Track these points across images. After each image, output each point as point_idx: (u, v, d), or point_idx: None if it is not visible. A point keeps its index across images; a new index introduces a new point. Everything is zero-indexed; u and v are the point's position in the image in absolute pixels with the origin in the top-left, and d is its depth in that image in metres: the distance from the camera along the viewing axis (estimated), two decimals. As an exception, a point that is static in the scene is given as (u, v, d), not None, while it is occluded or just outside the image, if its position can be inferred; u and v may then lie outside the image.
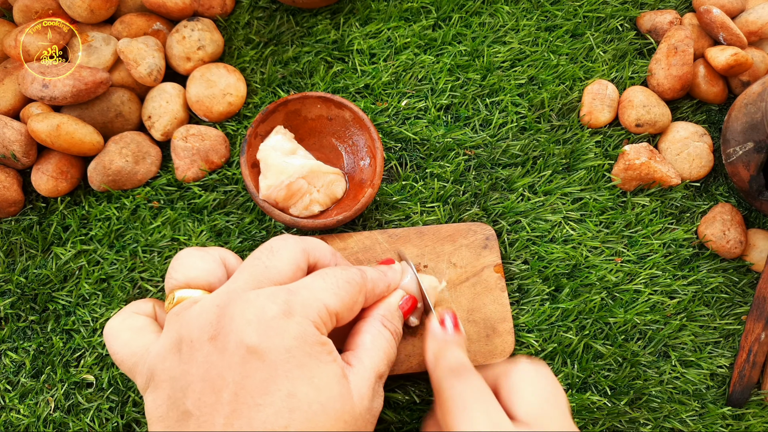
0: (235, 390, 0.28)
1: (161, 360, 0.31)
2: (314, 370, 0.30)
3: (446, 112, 0.57)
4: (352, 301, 0.34)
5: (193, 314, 0.31)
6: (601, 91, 0.56)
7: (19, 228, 0.51)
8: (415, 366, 0.45)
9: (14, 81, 0.52)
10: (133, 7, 0.57)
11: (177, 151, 0.52)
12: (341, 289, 0.33)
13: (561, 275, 0.51)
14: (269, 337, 0.29)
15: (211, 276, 0.34)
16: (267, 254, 0.33)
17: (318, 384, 0.29)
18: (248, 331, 0.29)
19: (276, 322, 0.30)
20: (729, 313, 0.52)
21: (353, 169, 0.52)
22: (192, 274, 0.33)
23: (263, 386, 0.28)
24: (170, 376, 0.30)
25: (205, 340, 0.30)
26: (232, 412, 0.28)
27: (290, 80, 0.57)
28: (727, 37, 0.57)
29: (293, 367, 0.29)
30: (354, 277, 0.34)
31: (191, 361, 0.29)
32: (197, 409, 0.28)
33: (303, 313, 0.31)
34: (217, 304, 0.31)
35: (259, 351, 0.29)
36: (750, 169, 0.52)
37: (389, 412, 0.46)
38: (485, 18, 0.60)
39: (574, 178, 0.55)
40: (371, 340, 0.35)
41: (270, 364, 0.29)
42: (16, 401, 0.47)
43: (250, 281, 0.32)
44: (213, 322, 0.30)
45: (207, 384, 0.29)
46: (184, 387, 0.29)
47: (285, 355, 0.29)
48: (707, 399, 0.49)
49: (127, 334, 0.33)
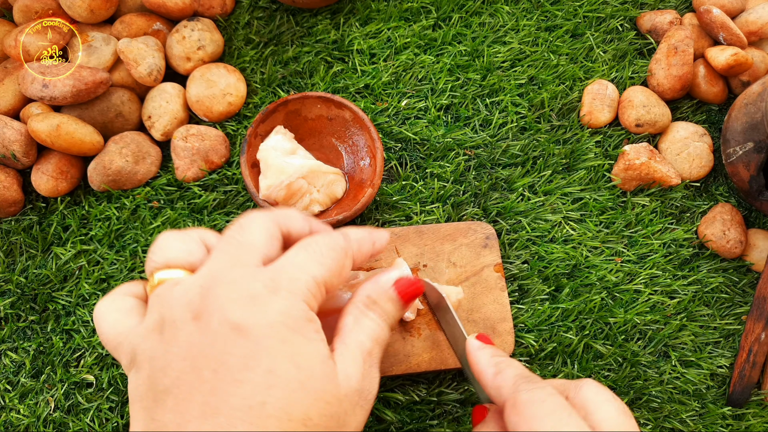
0: (215, 367, 0.28)
1: (143, 340, 0.30)
2: (297, 347, 0.29)
3: (446, 112, 0.57)
4: (338, 267, 0.33)
5: (176, 294, 0.31)
6: (601, 91, 0.56)
7: (19, 228, 0.51)
8: (414, 366, 0.45)
9: (14, 81, 0.52)
10: (133, 7, 0.57)
11: (177, 151, 0.52)
12: (325, 256, 0.32)
13: (561, 275, 0.51)
14: (253, 313, 0.29)
15: (191, 256, 0.33)
16: (238, 231, 0.33)
17: (299, 362, 0.29)
18: (233, 308, 0.29)
19: (261, 298, 0.29)
20: (729, 313, 0.52)
21: (353, 169, 0.52)
22: (171, 255, 0.33)
23: (243, 362, 0.28)
24: (150, 355, 0.30)
25: (188, 320, 0.29)
26: (210, 389, 0.28)
27: (290, 80, 0.57)
28: (727, 37, 0.57)
29: (276, 343, 0.29)
30: (337, 242, 0.34)
31: (173, 341, 0.29)
32: (176, 387, 0.28)
33: (289, 288, 0.30)
34: (200, 284, 0.31)
35: (243, 327, 0.28)
36: (750, 169, 0.51)
37: (389, 412, 0.46)
38: (485, 18, 0.60)
39: (574, 178, 0.55)
40: (353, 321, 0.34)
41: (252, 339, 0.28)
42: (16, 401, 0.47)
43: (230, 260, 0.32)
44: (196, 302, 0.30)
45: (187, 363, 0.28)
46: (164, 366, 0.29)
47: (268, 331, 0.29)
48: (707, 399, 0.49)
49: (114, 315, 0.33)
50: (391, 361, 0.45)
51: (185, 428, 0.27)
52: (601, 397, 0.32)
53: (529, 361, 0.48)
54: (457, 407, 0.47)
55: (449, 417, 0.47)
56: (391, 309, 0.37)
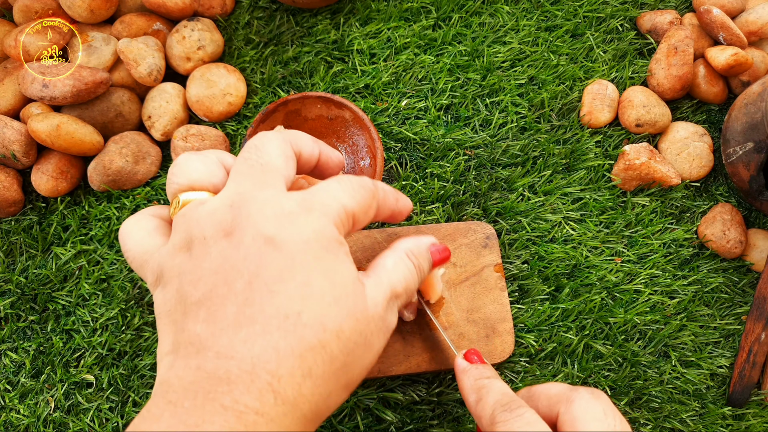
0: (249, 279, 0.28)
1: (171, 257, 0.30)
2: (330, 264, 0.30)
3: (446, 112, 0.57)
4: (366, 204, 0.34)
5: (204, 213, 0.31)
6: (601, 91, 0.56)
7: (19, 228, 0.51)
8: (414, 366, 0.45)
9: (14, 81, 0.52)
10: (133, 7, 0.57)
11: (177, 151, 0.52)
12: (356, 192, 0.33)
13: (561, 275, 0.51)
14: (287, 228, 0.29)
15: (214, 177, 0.33)
16: (255, 152, 0.33)
17: (333, 278, 0.29)
18: (266, 224, 0.29)
19: (295, 216, 0.30)
20: (729, 313, 0.52)
21: (353, 169, 0.52)
22: (194, 176, 0.33)
23: (278, 274, 0.28)
24: (179, 271, 0.30)
25: (220, 237, 0.29)
26: (245, 300, 0.28)
27: (290, 80, 0.57)
28: (727, 37, 0.57)
29: (310, 259, 0.29)
30: (367, 183, 0.35)
31: (204, 256, 0.29)
32: (208, 300, 0.28)
33: (322, 210, 0.31)
34: (229, 204, 0.31)
35: (277, 241, 0.29)
36: (750, 169, 0.51)
37: (389, 412, 0.46)
38: (485, 18, 0.60)
39: (574, 178, 0.55)
40: (392, 264, 0.35)
41: (287, 253, 0.29)
42: (16, 401, 0.47)
43: (256, 181, 0.32)
44: (228, 220, 0.30)
45: (220, 276, 0.28)
46: (194, 280, 0.29)
47: (303, 246, 0.29)
48: (707, 399, 0.49)
49: (140, 233, 0.33)
50: (391, 361, 0.45)
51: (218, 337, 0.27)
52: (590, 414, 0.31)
53: (529, 362, 0.48)
54: (457, 407, 0.47)
55: (449, 417, 0.47)
56: (426, 267, 0.37)
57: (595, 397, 0.32)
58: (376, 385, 0.47)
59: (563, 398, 0.32)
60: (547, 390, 0.34)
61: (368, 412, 0.46)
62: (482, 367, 0.37)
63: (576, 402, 0.31)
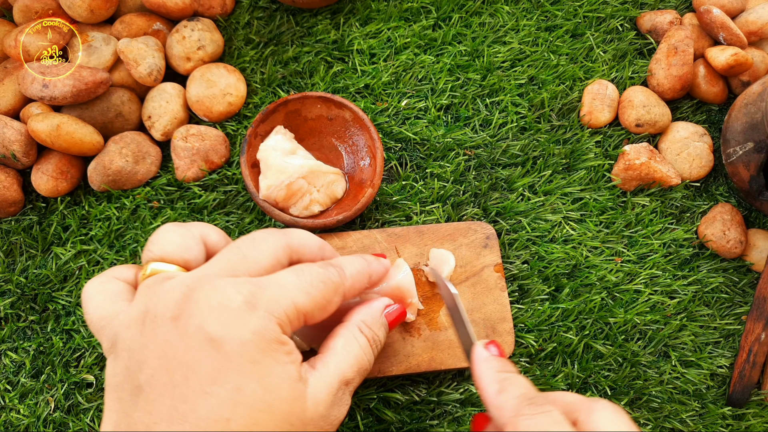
0: (186, 374, 0.28)
1: (125, 328, 0.31)
2: (266, 369, 0.29)
3: (446, 112, 0.57)
4: (324, 300, 0.33)
5: (162, 290, 0.31)
6: (601, 91, 0.56)
7: (19, 228, 0.51)
8: (414, 366, 0.45)
9: (14, 81, 0.52)
10: (133, 7, 0.57)
11: (177, 151, 0.52)
12: (314, 288, 0.32)
13: (561, 275, 0.51)
14: (228, 327, 0.29)
15: (186, 252, 0.34)
16: (248, 244, 0.33)
17: (268, 383, 0.29)
18: (209, 319, 0.29)
19: (238, 313, 0.30)
20: (729, 313, 0.52)
21: (353, 169, 0.52)
22: (168, 248, 0.33)
23: (213, 375, 0.28)
24: (130, 346, 0.30)
25: (167, 318, 0.30)
26: (180, 395, 0.28)
27: (290, 80, 0.57)
28: (727, 37, 0.57)
29: (246, 362, 0.29)
30: (331, 277, 0.34)
31: (151, 336, 0.30)
32: (149, 386, 0.29)
33: (267, 308, 0.30)
34: (187, 284, 0.31)
35: (216, 340, 0.29)
36: (750, 169, 0.51)
37: (389, 412, 0.46)
38: (485, 18, 0.60)
39: (574, 178, 0.55)
40: (343, 345, 0.34)
41: (224, 354, 0.29)
42: (16, 401, 0.47)
43: (225, 268, 0.32)
44: (179, 302, 0.30)
45: (162, 362, 0.29)
46: (140, 361, 0.29)
47: (240, 348, 0.29)
48: (707, 399, 0.49)
49: (101, 297, 0.33)
50: (391, 361, 0.45)
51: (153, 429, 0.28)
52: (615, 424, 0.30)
53: (529, 362, 0.48)
54: (457, 407, 0.47)
55: (449, 417, 0.47)
56: (382, 335, 0.37)
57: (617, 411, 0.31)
58: (376, 385, 0.47)
59: (583, 407, 0.31)
60: (562, 397, 0.33)
61: (368, 412, 0.46)
62: (504, 360, 0.36)
63: (599, 412, 0.30)
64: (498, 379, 0.34)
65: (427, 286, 0.48)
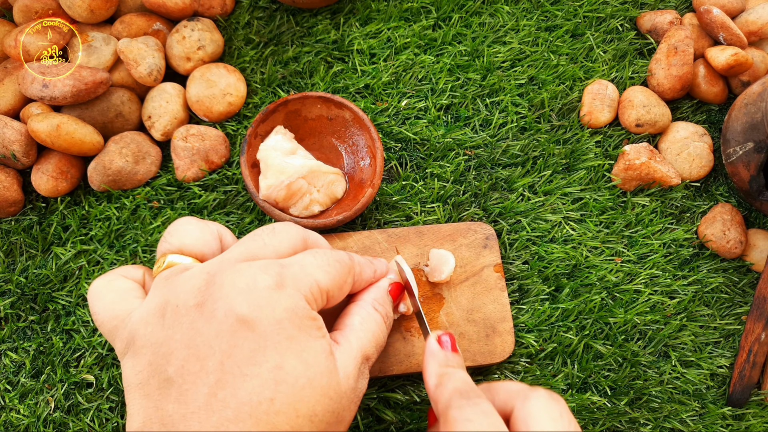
0: (221, 359, 0.28)
1: (144, 324, 0.30)
2: (303, 344, 0.29)
3: (446, 112, 0.57)
4: (341, 280, 0.34)
5: (182, 279, 0.31)
6: (601, 91, 0.56)
7: (19, 228, 0.51)
8: (415, 366, 0.45)
9: (14, 81, 0.52)
10: (133, 7, 0.57)
11: (177, 151, 0.52)
12: (331, 267, 0.33)
13: (561, 275, 0.51)
14: (260, 307, 0.29)
15: (205, 246, 0.33)
16: (268, 233, 0.33)
17: (306, 358, 0.29)
18: (239, 300, 0.29)
19: (268, 292, 0.29)
20: (729, 313, 0.52)
21: (353, 169, 0.52)
22: (187, 240, 0.33)
23: (251, 356, 0.28)
24: (152, 341, 0.29)
25: (191, 306, 0.29)
26: (216, 381, 0.27)
27: (290, 80, 0.57)
28: (727, 37, 0.57)
29: (283, 339, 0.29)
30: (343, 257, 0.35)
31: (175, 327, 0.29)
32: (180, 377, 0.28)
33: (295, 286, 0.30)
34: (207, 271, 0.31)
35: (249, 321, 0.28)
36: (750, 169, 0.51)
37: (389, 412, 0.46)
38: (485, 18, 0.60)
39: (574, 178, 0.55)
40: (360, 321, 0.35)
41: (260, 334, 0.28)
42: (16, 401, 0.47)
43: (245, 254, 0.32)
44: (201, 288, 0.30)
45: (191, 351, 0.28)
46: (166, 353, 0.29)
47: (275, 327, 0.29)
48: (707, 399, 0.49)
49: (111, 295, 0.32)
50: (391, 361, 0.45)
51: (189, 420, 0.27)
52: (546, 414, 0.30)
53: (529, 362, 0.48)
54: (457, 407, 0.47)
55: (449, 417, 0.47)
56: (390, 311, 0.38)
57: (553, 399, 0.31)
58: (377, 385, 0.47)
59: (521, 395, 0.32)
60: (507, 386, 0.33)
61: (368, 412, 0.46)
62: (451, 354, 0.36)
63: (533, 400, 0.31)
64: (438, 373, 0.34)
65: (427, 287, 0.48)
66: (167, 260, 0.32)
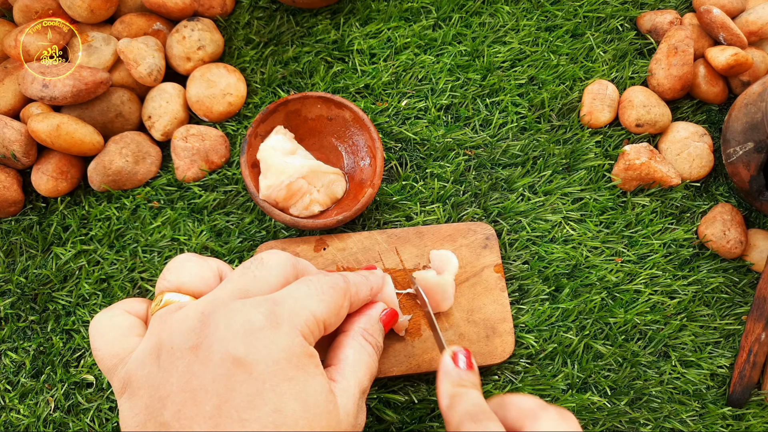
0: (218, 403, 0.27)
1: (140, 366, 0.30)
2: (302, 384, 0.29)
3: (446, 112, 0.57)
4: (337, 306, 0.33)
5: (176, 320, 0.30)
6: (601, 91, 0.56)
7: (19, 228, 0.51)
8: (415, 367, 0.45)
9: (14, 81, 0.52)
10: (133, 7, 0.57)
11: (177, 151, 0.52)
12: (326, 294, 0.32)
13: (561, 275, 0.51)
14: (257, 348, 0.28)
15: (203, 284, 0.33)
16: (257, 265, 0.33)
17: (306, 399, 0.29)
18: (234, 342, 0.28)
19: (263, 333, 0.29)
20: (729, 313, 0.52)
21: (353, 169, 0.52)
22: (185, 278, 0.33)
23: (249, 400, 0.27)
24: (148, 383, 0.29)
25: (186, 349, 0.29)
26: (214, 426, 0.27)
27: (290, 80, 0.57)
28: (728, 37, 0.57)
29: (281, 381, 0.28)
30: (337, 282, 0.34)
31: (171, 370, 0.28)
32: (176, 422, 0.27)
33: (290, 323, 0.30)
34: (201, 311, 0.30)
35: (246, 363, 0.28)
36: (750, 169, 0.51)
37: (389, 412, 0.46)
38: (485, 18, 0.60)
39: (574, 178, 0.55)
40: (353, 355, 0.34)
41: (257, 377, 0.28)
42: (16, 401, 0.47)
43: (237, 290, 0.31)
44: (196, 330, 0.29)
45: (188, 395, 0.28)
46: (162, 397, 0.28)
47: (273, 368, 0.28)
48: (707, 399, 0.49)
49: (113, 332, 0.32)
50: (391, 361, 0.45)
51: None
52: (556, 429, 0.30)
53: (530, 362, 0.48)
54: (457, 407, 0.47)
55: (449, 417, 0.47)
56: (381, 340, 0.37)
57: (564, 418, 0.31)
58: (377, 385, 0.47)
59: (531, 415, 0.31)
60: (519, 403, 0.33)
61: (369, 412, 0.46)
62: (465, 372, 0.36)
63: (543, 421, 0.31)
64: (451, 393, 0.34)
65: (427, 286, 0.48)
66: (164, 298, 0.32)
